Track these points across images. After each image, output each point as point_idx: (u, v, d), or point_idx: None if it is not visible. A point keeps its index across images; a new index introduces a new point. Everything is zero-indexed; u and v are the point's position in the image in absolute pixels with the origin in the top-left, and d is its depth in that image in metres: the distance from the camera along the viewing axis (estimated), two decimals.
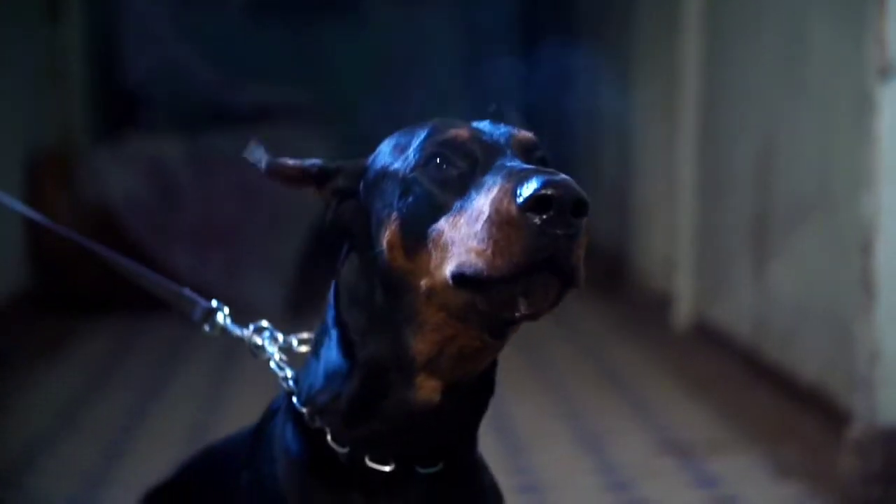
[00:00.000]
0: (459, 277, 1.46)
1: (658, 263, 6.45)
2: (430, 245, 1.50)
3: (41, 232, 6.30)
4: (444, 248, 1.48)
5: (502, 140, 1.57)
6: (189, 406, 4.77)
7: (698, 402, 4.75)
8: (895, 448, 3.57)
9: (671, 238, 6.15)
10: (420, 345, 1.56)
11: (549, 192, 1.40)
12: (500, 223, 1.42)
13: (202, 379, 5.14)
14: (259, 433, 1.77)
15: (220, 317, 1.99)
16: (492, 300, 1.45)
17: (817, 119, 4.44)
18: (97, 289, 6.19)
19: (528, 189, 1.40)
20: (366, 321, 1.61)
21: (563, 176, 1.43)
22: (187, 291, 2.04)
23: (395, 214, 1.55)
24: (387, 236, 1.55)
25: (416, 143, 1.59)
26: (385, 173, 1.60)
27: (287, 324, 1.90)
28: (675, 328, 5.93)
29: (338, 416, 1.63)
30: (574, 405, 4.75)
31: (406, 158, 1.58)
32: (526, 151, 1.58)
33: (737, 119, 5.32)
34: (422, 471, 1.63)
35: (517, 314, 1.46)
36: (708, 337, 5.60)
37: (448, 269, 1.47)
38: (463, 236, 1.46)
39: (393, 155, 1.62)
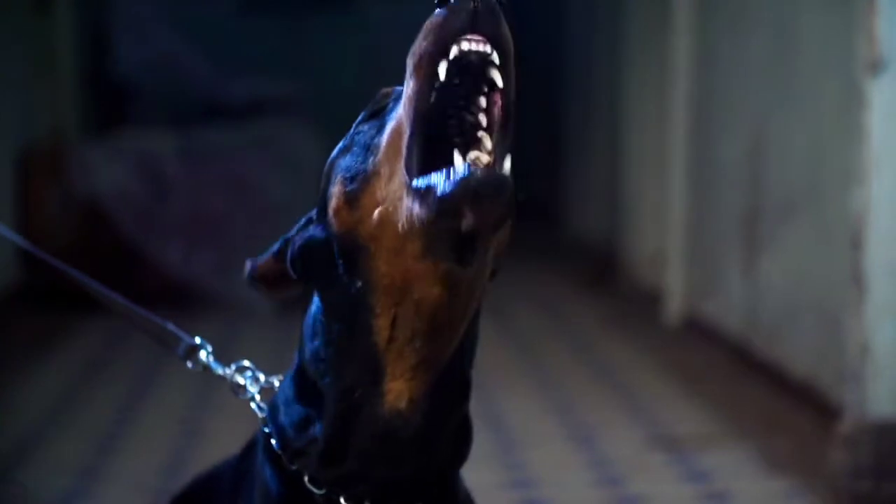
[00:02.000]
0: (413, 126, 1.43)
1: (649, 258, 6.46)
2: (371, 175, 1.48)
3: (33, 228, 6.30)
4: (389, 159, 1.46)
5: None
6: (180, 402, 4.76)
7: (689, 397, 4.76)
8: (885, 442, 3.58)
9: (662, 233, 6.16)
10: (379, 320, 1.51)
11: None
12: (422, 36, 1.42)
13: (194, 376, 5.12)
14: (241, 466, 1.76)
15: (202, 354, 1.99)
16: (440, 211, 1.38)
17: (807, 114, 4.45)
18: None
19: None
20: (327, 348, 1.58)
21: None
22: (171, 327, 2.03)
23: (339, 175, 1.54)
24: (333, 204, 1.53)
25: (357, 121, 1.59)
26: (332, 163, 1.58)
27: (278, 320, 1.90)
28: (666, 323, 5.94)
29: (313, 458, 1.61)
30: (565, 400, 4.75)
31: (347, 136, 1.58)
32: None
33: (727, 114, 5.33)
34: None
35: (466, 224, 1.39)
36: (699, 331, 5.61)
37: (397, 178, 1.44)
38: (400, 130, 1.44)
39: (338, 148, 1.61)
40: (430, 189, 1.38)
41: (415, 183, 1.41)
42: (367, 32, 9.32)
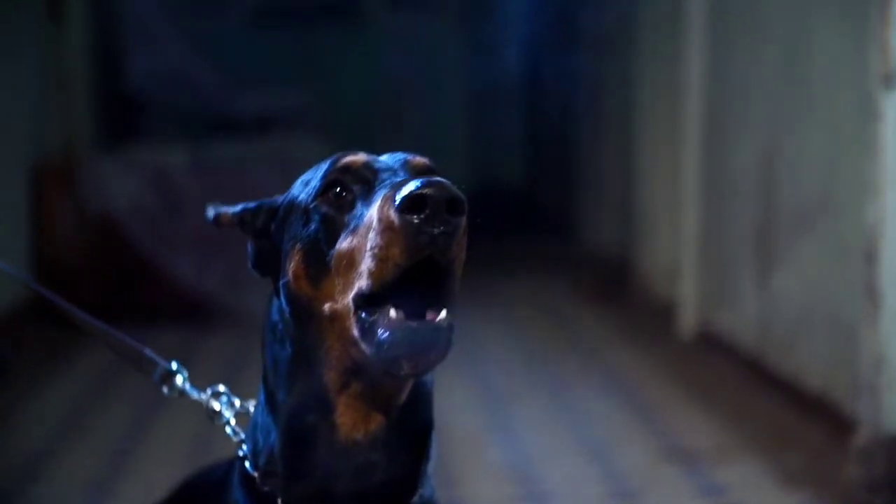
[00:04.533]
0: (359, 299, 1.50)
1: (662, 270, 6.45)
2: (332, 269, 1.55)
3: (46, 242, 6.31)
4: (345, 270, 1.53)
5: (396, 165, 1.62)
6: (191, 418, 4.75)
7: (703, 410, 4.74)
8: None
9: (675, 245, 6.15)
10: (330, 373, 1.58)
11: (423, 191, 1.44)
12: (383, 229, 1.47)
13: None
14: (226, 479, 1.80)
15: (178, 380, 2.01)
16: (379, 357, 1.49)
17: (821, 126, 4.44)
18: (100, 301, 6.19)
19: (404, 191, 1.45)
20: (281, 362, 1.64)
21: (440, 178, 1.47)
22: (148, 352, 2.05)
23: (298, 245, 1.61)
24: (292, 267, 1.60)
25: (318, 174, 1.65)
26: (291, 207, 1.68)
27: None
28: (680, 335, 5.92)
29: (281, 478, 1.64)
30: (579, 413, 4.74)
31: (308, 191, 1.65)
32: (419, 174, 1.61)
33: (741, 126, 5.32)
34: None
35: (401, 373, 1.50)
36: (712, 344, 5.59)
37: (349, 295, 1.52)
38: (357, 253, 1.51)
39: (299, 189, 1.69)
40: (373, 328, 1.48)
41: (362, 314, 1.50)
42: (377, 45, 9.33)
